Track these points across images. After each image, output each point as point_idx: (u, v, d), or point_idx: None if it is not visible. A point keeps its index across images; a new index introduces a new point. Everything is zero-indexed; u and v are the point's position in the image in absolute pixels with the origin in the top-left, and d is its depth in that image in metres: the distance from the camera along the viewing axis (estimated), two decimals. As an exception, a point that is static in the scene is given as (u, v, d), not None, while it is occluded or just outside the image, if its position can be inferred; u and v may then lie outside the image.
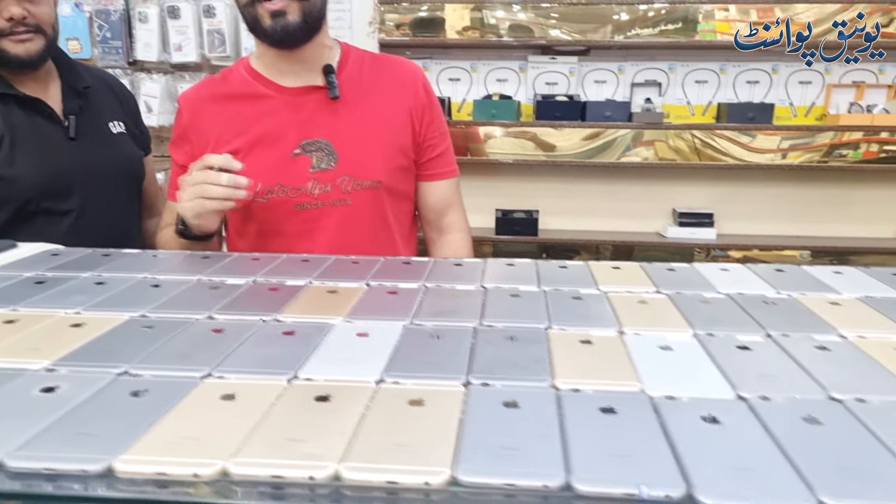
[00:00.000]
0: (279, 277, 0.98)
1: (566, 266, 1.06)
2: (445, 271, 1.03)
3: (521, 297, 0.89)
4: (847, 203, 2.60)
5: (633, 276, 0.98)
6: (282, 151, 1.17)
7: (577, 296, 0.89)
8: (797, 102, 2.49)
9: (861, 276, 0.97)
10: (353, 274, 1.00)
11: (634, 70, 2.53)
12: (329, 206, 1.17)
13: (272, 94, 1.18)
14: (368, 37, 2.56)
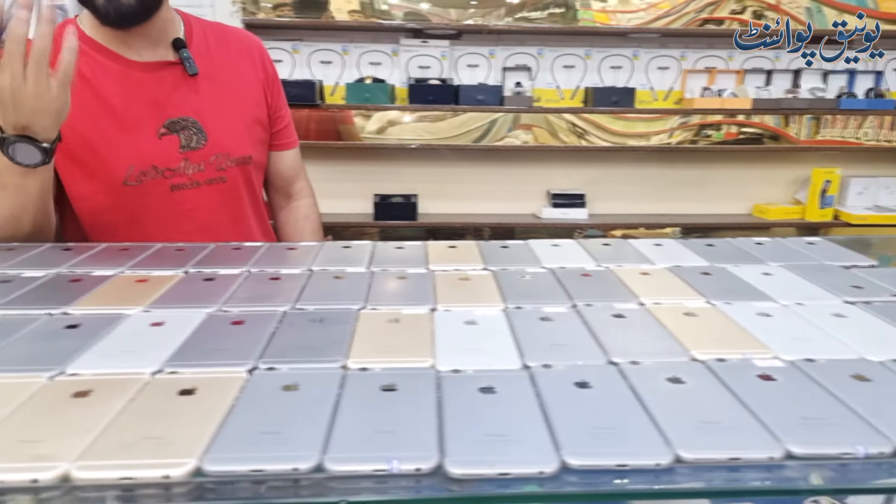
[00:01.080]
0: (85, 269, 0.91)
1: (403, 247, 1.05)
2: (277, 256, 0.99)
3: (346, 278, 0.87)
4: (708, 182, 2.78)
5: (467, 255, 0.99)
6: (146, 131, 1.09)
7: (402, 275, 0.88)
8: (657, 87, 2.62)
9: (678, 248, 1.02)
10: (173, 261, 0.94)
11: (505, 55, 2.57)
12: (205, 186, 1.13)
13: (121, 68, 1.08)
14: (232, 16, 2.45)
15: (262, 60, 1.23)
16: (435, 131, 2.62)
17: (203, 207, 1.14)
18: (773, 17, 2.60)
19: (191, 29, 1.15)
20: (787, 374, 0.56)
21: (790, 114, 2.63)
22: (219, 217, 1.16)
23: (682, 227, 2.79)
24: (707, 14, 2.56)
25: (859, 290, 0.79)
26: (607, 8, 2.53)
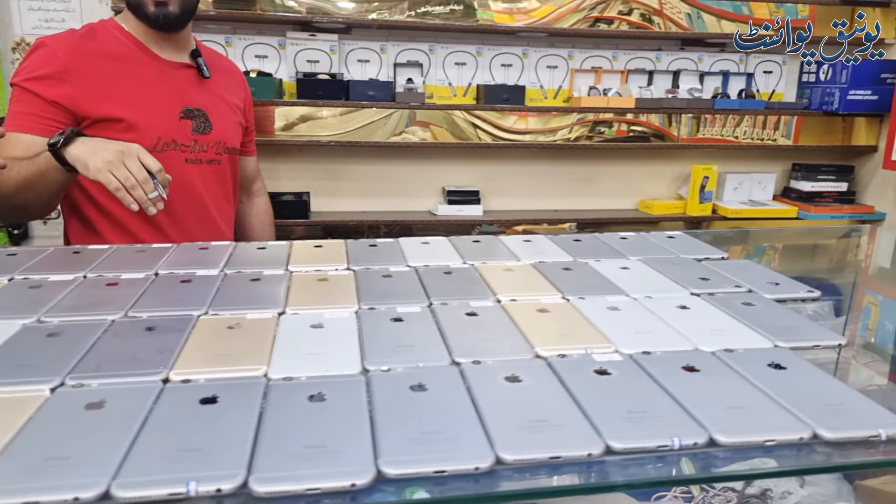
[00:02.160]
0: None
1: (265, 247, 1.00)
2: (124, 259, 0.92)
3: (194, 282, 0.81)
4: (599, 179, 2.87)
5: (332, 254, 0.95)
6: (169, 112, 1.31)
7: (256, 277, 0.83)
8: (547, 85, 2.67)
9: (546, 244, 1.03)
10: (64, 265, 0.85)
11: (396, 50, 2.53)
12: (206, 164, 1.38)
13: (152, 62, 1.31)
14: (100, 2, 2.28)
15: (243, 82, 1.54)
16: (325, 127, 2.56)
17: (203, 181, 1.37)
18: (657, 22, 2.72)
19: (198, 46, 1.41)
20: (623, 368, 0.57)
21: (670, 112, 2.75)
22: (212, 191, 1.40)
23: (577, 223, 2.87)
24: (597, 13, 2.64)
25: (706, 281, 0.82)
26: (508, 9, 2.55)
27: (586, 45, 2.67)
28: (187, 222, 1.32)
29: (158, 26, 1.28)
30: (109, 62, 1.28)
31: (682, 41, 2.76)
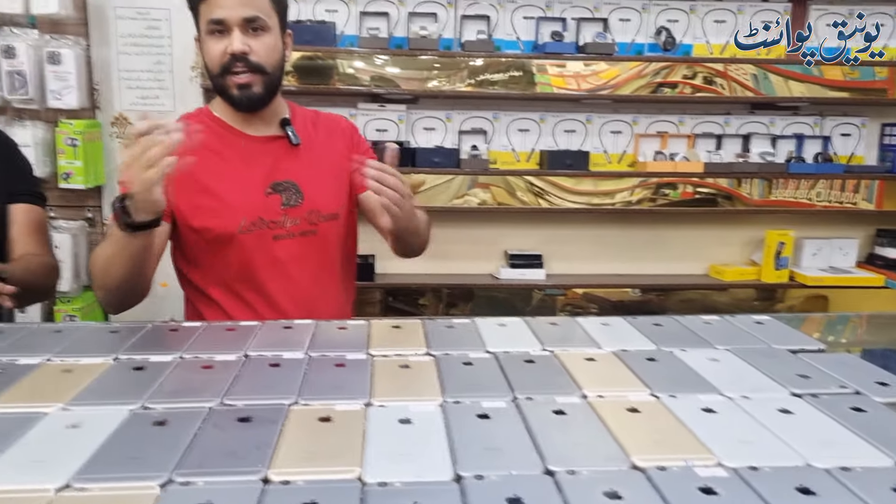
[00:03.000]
0: (10, 356, 0.86)
1: (346, 327, 1.03)
2: (214, 337, 0.96)
3: (282, 366, 0.84)
4: (665, 243, 2.82)
5: (411, 336, 0.96)
6: (256, 191, 1.30)
7: (341, 362, 0.85)
8: (610, 150, 2.68)
9: (625, 328, 1.01)
10: (102, 347, 0.90)
11: (462, 118, 2.60)
12: (300, 237, 1.33)
13: (241, 141, 1.32)
14: (191, 81, 2.44)
15: (348, 136, 1.44)
16: (394, 192, 2.63)
17: (299, 256, 1.33)
18: (719, 83, 2.71)
19: (294, 112, 1.39)
20: (730, 487, 0.54)
21: (741, 177, 2.70)
22: (311, 264, 1.35)
23: (641, 288, 2.81)
24: (661, 79, 2.65)
25: (806, 380, 0.78)
26: (564, 73, 2.59)
27: (651, 109, 2.67)
28: (278, 298, 1.31)
29: (244, 108, 1.29)
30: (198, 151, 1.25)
31: (752, 104, 2.73)
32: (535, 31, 2.53)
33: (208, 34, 1.24)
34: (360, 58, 2.50)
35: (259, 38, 1.24)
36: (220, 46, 1.22)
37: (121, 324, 1.03)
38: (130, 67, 2.41)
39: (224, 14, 1.21)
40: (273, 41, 1.26)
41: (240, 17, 1.21)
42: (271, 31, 1.26)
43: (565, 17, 2.54)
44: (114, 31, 2.38)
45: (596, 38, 2.49)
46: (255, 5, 1.23)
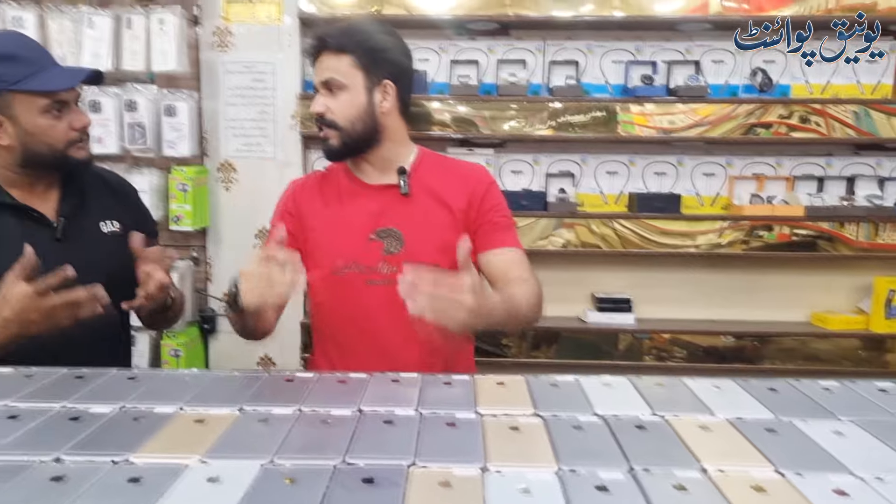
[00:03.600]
0: (148, 403, 0.93)
1: (451, 382, 1.05)
2: (327, 390, 1.00)
3: (396, 423, 0.86)
4: (761, 288, 2.70)
5: (516, 394, 0.97)
6: (359, 236, 1.37)
7: (451, 421, 0.87)
8: (703, 193, 2.62)
9: (737, 392, 0.98)
10: (227, 396, 0.95)
11: (549, 161, 2.62)
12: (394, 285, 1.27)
13: (357, 188, 1.41)
14: (291, 129, 2.58)
15: (476, 185, 1.42)
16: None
17: (388, 302, 1.31)
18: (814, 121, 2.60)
19: (421, 160, 1.44)
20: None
21: (845, 220, 2.57)
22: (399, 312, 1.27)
23: (735, 335, 2.69)
24: (754, 119, 2.58)
25: (941, 459, 0.74)
26: (645, 111, 2.57)
27: (746, 151, 2.60)
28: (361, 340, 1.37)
29: (327, 158, 1.39)
30: (322, 194, 1.43)
31: (857, 145, 2.61)
32: (624, 74, 2.54)
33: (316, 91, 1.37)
34: (450, 104, 2.57)
35: (336, 98, 1.33)
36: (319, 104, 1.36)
37: (240, 372, 1.09)
38: (236, 117, 2.58)
39: (315, 78, 1.36)
40: (350, 98, 1.33)
41: (318, 80, 1.34)
42: (349, 90, 1.32)
43: (655, 61, 2.53)
44: (223, 84, 2.57)
45: (688, 80, 2.47)
46: (334, 68, 1.32)
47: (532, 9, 2.53)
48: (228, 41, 2.53)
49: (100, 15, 2.36)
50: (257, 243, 2.61)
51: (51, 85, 1.27)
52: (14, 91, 1.24)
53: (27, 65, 1.26)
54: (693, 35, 2.55)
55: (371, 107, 1.36)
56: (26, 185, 1.34)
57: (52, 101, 1.27)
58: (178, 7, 2.37)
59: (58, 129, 1.29)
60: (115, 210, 1.45)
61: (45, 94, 1.26)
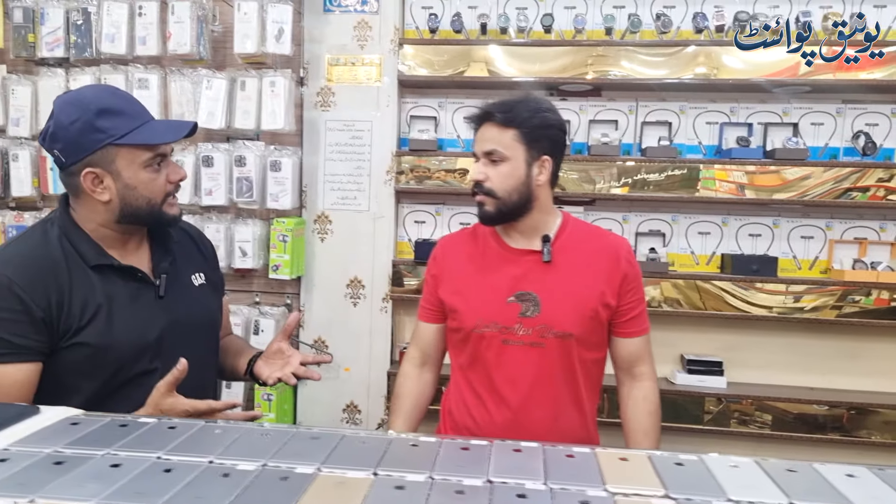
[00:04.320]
0: (289, 462, 0.98)
1: (573, 454, 1.05)
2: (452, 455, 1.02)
3: (528, 497, 0.88)
4: (862, 355, 2.58)
5: (641, 472, 0.97)
6: (499, 296, 1.46)
7: (584, 499, 0.88)
8: (800, 256, 2.55)
9: (874, 483, 0.95)
10: (361, 459, 0.99)
11: (638, 220, 2.62)
12: (528, 346, 1.44)
13: (503, 252, 1.50)
14: (385, 184, 2.69)
15: (617, 258, 1.50)
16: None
17: (521, 363, 1.45)
18: None
19: (565, 226, 1.52)
20: None
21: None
22: (529, 374, 1.45)
23: (830, 404, 2.56)
24: (849, 184, 2.51)
25: None
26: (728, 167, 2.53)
27: (847, 214, 2.53)
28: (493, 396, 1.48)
29: (481, 221, 1.51)
30: (468, 254, 1.54)
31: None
32: (718, 136, 2.53)
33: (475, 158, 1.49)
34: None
35: (496, 168, 1.43)
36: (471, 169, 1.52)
37: (366, 433, 1.13)
38: (334, 172, 2.71)
39: (477, 147, 1.47)
40: (511, 170, 1.43)
41: (481, 149, 1.45)
42: (511, 162, 1.42)
43: (751, 122, 2.51)
44: (323, 140, 2.71)
45: (786, 143, 2.43)
46: (497, 140, 1.43)
47: (625, 70, 2.57)
48: (330, 100, 2.68)
49: (217, 77, 2.55)
50: (348, 292, 2.70)
51: (156, 138, 1.27)
52: (118, 145, 1.24)
53: (131, 119, 1.26)
54: (791, 96, 2.53)
55: (528, 179, 1.44)
56: (120, 243, 1.34)
57: (154, 154, 1.28)
58: (289, 70, 2.53)
59: (157, 182, 1.30)
60: (200, 263, 1.49)
61: (148, 147, 1.26)
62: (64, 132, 1.23)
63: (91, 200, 1.28)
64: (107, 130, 1.23)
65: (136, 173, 1.27)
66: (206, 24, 2.58)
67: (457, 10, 2.64)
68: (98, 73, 2.63)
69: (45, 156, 2.69)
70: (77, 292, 1.26)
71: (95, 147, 1.23)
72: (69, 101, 1.27)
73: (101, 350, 1.26)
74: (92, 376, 1.28)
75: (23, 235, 1.33)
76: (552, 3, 2.59)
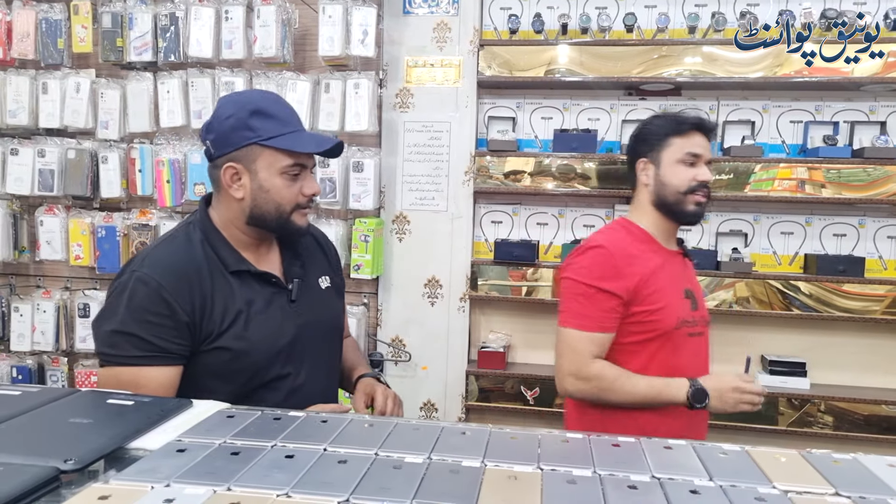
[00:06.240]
0: (455, 457, 1.00)
1: (725, 453, 1.06)
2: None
3: (700, 492, 0.89)
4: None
5: (804, 473, 0.98)
6: (678, 295, 1.58)
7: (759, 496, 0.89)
8: (886, 256, 2.51)
9: None
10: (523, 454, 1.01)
11: (719, 220, 2.60)
12: (698, 337, 1.60)
13: (664, 253, 1.61)
14: (463, 185, 2.72)
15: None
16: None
17: (697, 352, 1.60)
18: None
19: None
20: None
21: None
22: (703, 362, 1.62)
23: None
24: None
25: None
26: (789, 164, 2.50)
27: (936, 214, 2.49)
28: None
29: (692, 221, 1.63)
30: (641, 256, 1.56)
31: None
32: (803, 134, 2.50)
33: (679, 162, 1.56)
34: (619, 161, 2.63)
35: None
36: (691, 173, 1.55)
37: (510, 429, 1.14)
38: (412, 172, 2.75)
39: (702, 151, 1.57)
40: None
41: (698, 153, 1.56)
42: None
43: (837, 121, 2.48)
44: (402, 141, 2.75)
45: (875, 141, 2.40)
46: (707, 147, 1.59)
47: (708, 67, 2.56)
48: (409, 102, 2.72)
49: (301, 80, 2.61)
50: (426, 292, 2.74)
51: (299, 147, 1.29)
52: (262, 145, 1.27)
53: (281, 124, 1.28)
54: (878, 95, 2.49)
55: None
56: (254, 248, 1.37)
57: (293, 162, 1.29)
58: (372, 73, 2.58)
59: (290, 191, 1.30)
60: (325, 266, 1.51)
61: (289, 154, 1.28)
62: (218, 125, 1.28)
63: (227, 196, 1.32)
64: (255, 130, 1.26)
65: (271, 176, 1.29)
66: (289, 28, 2.64)
67: (536, 10, 2.65)
68: (185, 77, 2.70)
69: (133, 157, 2.78)
70: (218, 297, 1.29)
71: (241, 143, 1.27)
72: (231, 99, 1.32)
73: (240, 354, 1.29)
74: (230, 380, 1.31)
75: (167, 239, 1.35)
76: (634, 2, 2.58)
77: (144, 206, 2.84)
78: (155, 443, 0.99)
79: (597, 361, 1.53)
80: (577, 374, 1.53)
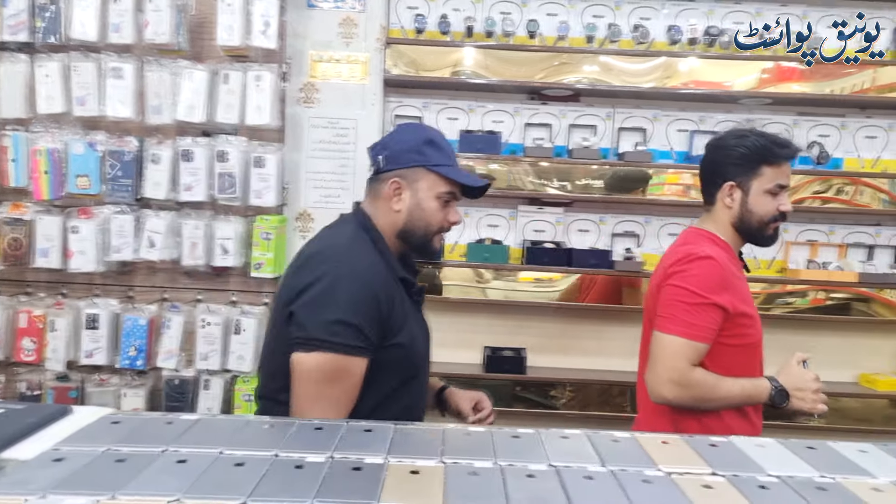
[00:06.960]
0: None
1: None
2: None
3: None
4: (810, 349, 2.78)
5: (685, 455, 1.04)
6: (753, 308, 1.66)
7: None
8: (760, 256, 2.73)
9: (885, 457, 1.06)
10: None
11: (614, 221, 2.73)
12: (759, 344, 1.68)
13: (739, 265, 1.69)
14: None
15: None
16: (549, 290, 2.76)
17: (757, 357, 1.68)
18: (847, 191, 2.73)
19: None
20: None
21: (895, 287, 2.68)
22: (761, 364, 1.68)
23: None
24: (809, 193, 2.70)
25: None
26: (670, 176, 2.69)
27: (801, 218, 2.73)
28: None
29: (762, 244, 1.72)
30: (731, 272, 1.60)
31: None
32: (689, 142, 2.68)
33: (767, 192, 1.60)
34: (523, 164, 2.70)
35: None
36: (775, 203, 1.61)
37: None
38: (317, 169, 2.70)
39: (788, 182, 1.64)
40: None
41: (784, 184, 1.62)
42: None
43: (718, 131, 2.67)
44: (306, 137, 2.69)
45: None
46: None
47: (605, 76, 2.68)
48: (314, 97, 2.67)
49: (199, 69, 2.49)
50: (329, 290, 2.69)
51: (460, 178, 1.47)
52: (429, 169, 1.44)
53: (447, 157, 1.47)
54: (753, 108, 2.71)
55: None
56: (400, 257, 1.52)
57: (449, 189, 1.46)
58: (275, 65, 2.51)
59: (439, 215, 1.46)
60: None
61: (447, 181, 1.45)
62: (395, 144, 1.47)
63: (386, 206, 1.46)
64: (426, 155, 1.44)
65: (428, 198, 1.45)
66: (184, 14, 2.52)
67: (442, 11, 2.68)
68: (67, 60, 2.51)
69: (5, 145, 2.55)
70: (395, 298, 1.42)
71: (411, 164, 1.44)
72: (411, 126, 1.70)
73: (410, 352, 1.44)
74: (395, 374, 1.42)
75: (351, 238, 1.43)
76: (536, 9, 2.66)
77: (18, 198, 2.61)
78: (29, 452, 0.92)
79: (697, 369, 1.54)
80: (678, 381, 1.52)
